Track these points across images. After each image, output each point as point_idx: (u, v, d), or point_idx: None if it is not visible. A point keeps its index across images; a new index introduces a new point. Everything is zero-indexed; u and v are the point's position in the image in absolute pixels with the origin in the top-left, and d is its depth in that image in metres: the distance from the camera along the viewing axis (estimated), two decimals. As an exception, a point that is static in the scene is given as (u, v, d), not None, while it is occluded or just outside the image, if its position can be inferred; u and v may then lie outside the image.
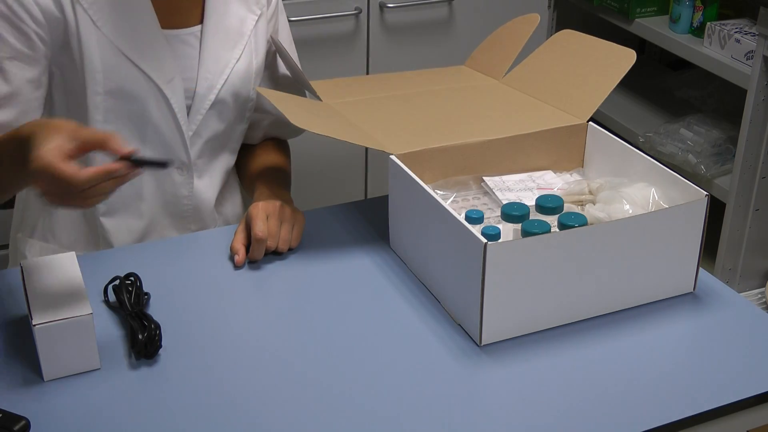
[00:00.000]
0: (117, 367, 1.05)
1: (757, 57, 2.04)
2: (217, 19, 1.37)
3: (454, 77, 1.59)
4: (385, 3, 2.34)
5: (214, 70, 1.37)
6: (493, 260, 1.03)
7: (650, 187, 1.21)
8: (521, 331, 1.10)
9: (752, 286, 2.31)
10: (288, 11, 2.28)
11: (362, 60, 2.41)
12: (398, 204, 1.24)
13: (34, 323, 1.00)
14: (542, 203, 1.20)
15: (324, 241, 1.30)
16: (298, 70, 1.44)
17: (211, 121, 1.39)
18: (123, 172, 1.00)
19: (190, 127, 1.37)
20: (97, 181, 0.99)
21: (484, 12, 2.49)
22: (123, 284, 1.14)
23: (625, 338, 1.11)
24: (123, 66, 1.29)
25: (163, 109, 1.33)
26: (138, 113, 1.33)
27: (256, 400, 1.01)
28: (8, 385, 1.02)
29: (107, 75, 1.29)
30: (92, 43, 1.27)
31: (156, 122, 1.34)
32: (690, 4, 2.32)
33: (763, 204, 2.18)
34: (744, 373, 1.06)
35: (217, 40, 1.37)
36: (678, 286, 1.18)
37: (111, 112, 1.31)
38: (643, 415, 0.99)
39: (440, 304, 1.16)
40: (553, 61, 1.48)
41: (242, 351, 1.09)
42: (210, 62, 1.36)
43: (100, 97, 1.30)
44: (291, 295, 1.19)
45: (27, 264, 1.09)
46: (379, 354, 1.08)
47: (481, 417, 0.99)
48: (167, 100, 1.33)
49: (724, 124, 2.39)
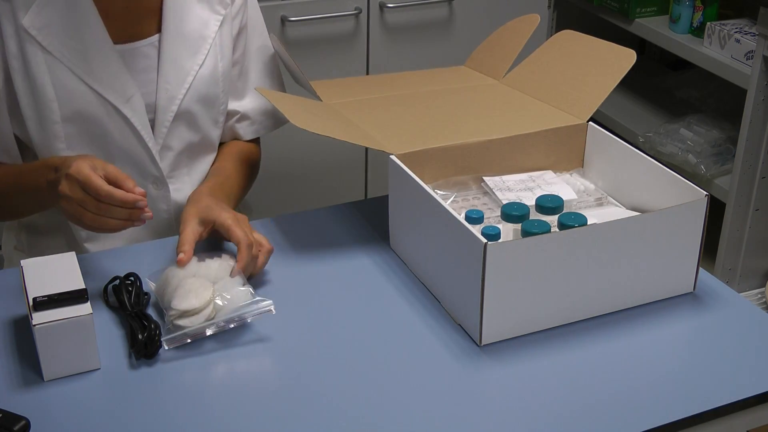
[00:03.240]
0: (117, 367, 1.05)
1: (757, 57, 2.04)
2: (176, 26, 1.33)
3: (454, 77, 1.59)
4: (385, 3, 2.34)
5: (175, 80, 1.33)
6: (493, 260, 1.03)
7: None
8: (521, 331, 1.10)
9: (752, 286, 2.31)
10: (288, 11, 2.29)
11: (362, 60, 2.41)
12: (398, 204, 1.24)
13: (34, 323, 1.00)
14: (542, 203, 1.20)
15: (324, 241, 1.30)
16: (298, 71, 1.43)
17: (180, 132, 1.36)
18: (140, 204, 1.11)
19: (157, 141, 1.34)
20: (117, 200, 1.10)
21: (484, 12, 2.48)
22: (123, 284, 1.14)
23: (625, 338, 1.11)
24: (77, 90, 1.27)
25: (124, 130, 1.31)
26: (100, 135, 1.30)
27: (255, 399, 1.01)
28: (8, 385, 1.02)
29: (62, 102, 1.27)
30: (42, 70, 1.25)
31: (119, 142, 1.31)
32: (690, 4, 2.32)
33: (763, 204, 2.18)
34: (744, 373, 1.06)
35: (177, 48, 1.33)
36: (678, 286, 1.18)
37: (72, 138, 1.29)
38: (642, 415, 0.99)
39: (440, 304, 1.16)
40: (554, 61, 1.48)
41: (241, 350, 1.09)
42: (170, 72, 1.32)
43: (58, 126, 1.28)
44: (291, 294, 1.19)
45: (27, 264, 1.09)
46: (378, 353, 1.08)
47: (480, 417, 0.99)
48: (127, 120, 1.30)
49: (724, 124, 2.39)
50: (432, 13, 2.45)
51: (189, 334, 1.07)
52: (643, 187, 1.26)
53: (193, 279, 1.11)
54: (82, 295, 1.03)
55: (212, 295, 1.09)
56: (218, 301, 1.09)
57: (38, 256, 1.11)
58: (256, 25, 1.45)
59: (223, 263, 1.15)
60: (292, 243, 1.30)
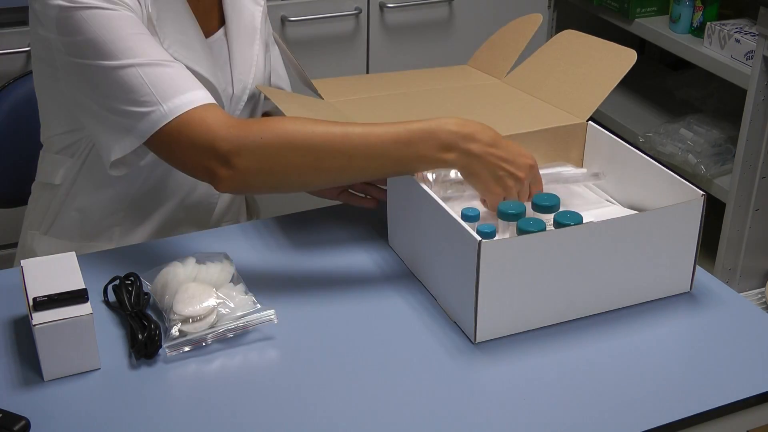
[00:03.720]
0: (117, 367, 1.05)
1: (757, 57, 2.04)
2: (237, 20, 1.39)
3: (455, 76, 1.59)
4: (385, 3, 2.34)
5: (244, 71, 1.39)
6: (487, 258, 1.03)
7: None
8: (516, 329, 1.10)
9: (752, 286, 2.31)
10: (288, 11, 2.29)
11: (362, 60, 2.41)
12: (396, 201, 1.24)
13: (34, 323, 1.00)
14: (538, 202, 1.21)
15: (324, 239, 1.30)
16: (300, 68, 1.44)
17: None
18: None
19: None
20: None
21: (484, 12, 2.49)
22: (123, 284, 1.14)
23: (621, 337, 1.11)
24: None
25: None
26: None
27: (254, 398, 1.01)
28: (8, 385, 1.02)
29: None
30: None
31: None
32: (690, 4, 2.32)
33: (763, 204, 2.19)
34: (744, 373, 1.06)
35: (241, 40, 1.39)
36: (674, 286, 1.18)
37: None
38: (641, 415, 0.99)
39: (436, 301, 1.16)
40: (555, 61, 1.48)
41: (241, 349, 1.09)
42: (240, 64, 1.38)
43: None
44: (289, 291, 1.19)
45: (27, 264, 1.09)
46: (374, 350, 1.08)
47: (474, 414, 0.99)
48: (223, 107, 1.34)
49: (724, 124, 2.39)
50: (432, 13, 2.45)
51: (191, 341, 1.07)
52: (642, 187, 1.26)
53: (195, 284, 1.11)
54: (82, 295, 1.03)
55: (215, 303, 1.09)
56: (221, 309, 1.09)
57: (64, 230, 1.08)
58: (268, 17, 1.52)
59: (224, 268, 1.15)
60: (292, 241, 1.30)
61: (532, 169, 1.20)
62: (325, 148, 1.13)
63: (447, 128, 1.15)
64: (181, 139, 1.16)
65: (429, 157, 1.15)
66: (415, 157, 1.15)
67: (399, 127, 1.14)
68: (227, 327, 1.08)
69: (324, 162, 1.14)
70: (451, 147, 1.15)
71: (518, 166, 1.18)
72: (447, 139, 1.14)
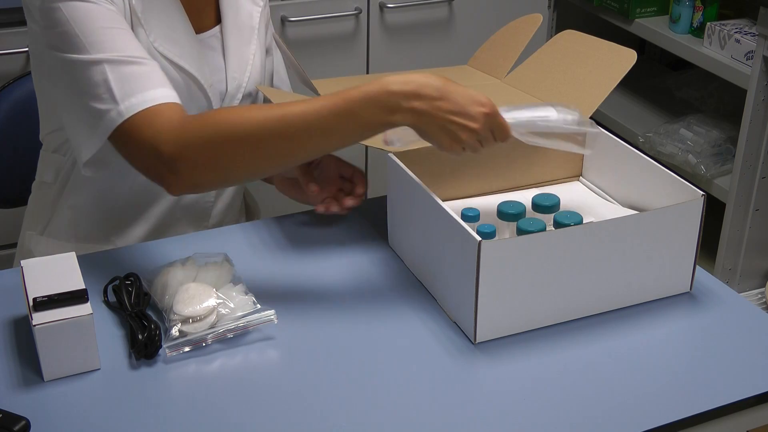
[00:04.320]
0: (117, 367, 1.05)
1: (757, 57, 2.04)
2: (233, 17, 1.38)
3: (456, 76, 1.58)
4: (385, 3, 2.34)
5: (239, 69, 1.38)
6: (487, 258, 1.03)
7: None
8: (515, 329, 1.10)
9: (752, 286, 2.31)
10: (288, 11, 2.29)
11: (362, 60, 2.41)
12: (396, 202, 1.24)
13: (34, 323, 1.00)
14: (538, 202, 1.21)
15: (324, 240, 1.30)
16: (301, 68, 1.44)
17: None
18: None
19: None
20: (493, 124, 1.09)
21: (484, 12, 2.49)
22: (123, 284, 1.14)
23: (621, 337, 1.11)
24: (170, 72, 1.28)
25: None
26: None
27: (254, 399, 1.01)
28: (8, 385, 1.02)
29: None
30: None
31: None
32: (690, 4, 2.32)
33: (763, 204, 2.18)
34: (743, 373, 1.06)
35: (236, 39, 1.38)
36: (674, 286, 1.18)
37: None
38: (641, 415, 0.99)
39: (436, 301, 1.16)
40: (555, 61, 1.47)
41: (241, 349, 1.09)
42: (234, 62, 1.38)
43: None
44: (290, 291, 1.19)
45: (27, 264, 1.09)
46: (375, 350, 1.09)
47: (474, 414, 0.99)
48: (210, 105, 1.34)
49: (724, 124, 2.39)
50: (432, 13, 2.45)
51: (191, 341, 1.07)
52: (642, 187, 1.26)
53: (195, 284, 1.11)
54: (82, 295, 1.03)
55: (216, 303, 1.09)
56: (221, 310, 1.09)
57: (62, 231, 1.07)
58: (270, 19, 1.51)
59: (224, 268, 1.15)
60: (292, 241, 1.30)
61: (488, 117, 1.09)
62: (265, 135, 1.08)
63: (388, 89, 1.06)
64: (131, 141, 1.14)
65: (374, 122, 1.07)
66: (359, 127, 1.07)
67: (337, 98, 1.07)
68: (227, 327, 1.08)
69: (266, 149, 1.09)
70: (395, 108, 1.06)
71: (471, 116, 1.08)
72: (389, 100, 1.06)
